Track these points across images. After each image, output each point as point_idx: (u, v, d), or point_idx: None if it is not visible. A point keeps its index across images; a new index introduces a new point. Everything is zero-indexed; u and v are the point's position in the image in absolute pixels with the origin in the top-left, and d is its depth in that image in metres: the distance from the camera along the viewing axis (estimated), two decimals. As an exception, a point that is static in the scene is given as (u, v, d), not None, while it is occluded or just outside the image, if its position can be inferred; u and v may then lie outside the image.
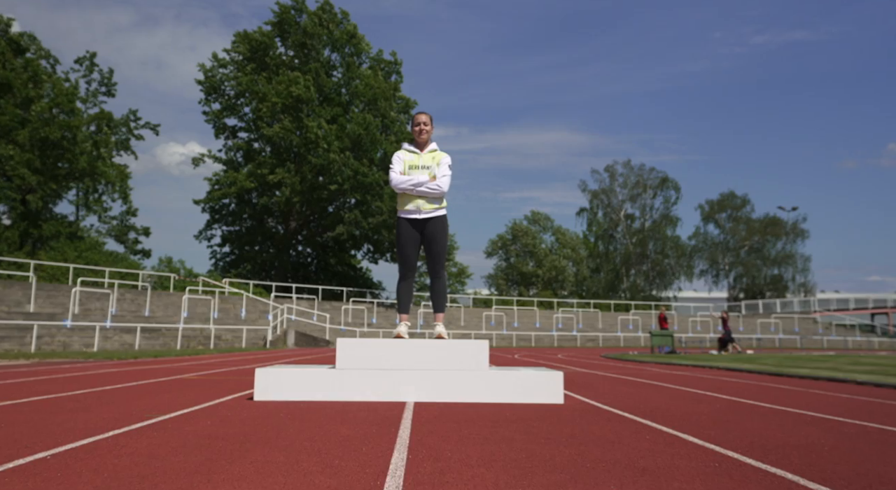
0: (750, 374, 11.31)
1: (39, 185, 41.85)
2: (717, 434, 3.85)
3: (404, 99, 53.03)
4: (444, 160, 6.04)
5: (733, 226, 79.47)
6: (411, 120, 6.17)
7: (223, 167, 52.92)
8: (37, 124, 40.35)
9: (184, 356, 18.29)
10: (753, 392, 7.13)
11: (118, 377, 8.46)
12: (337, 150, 46.46)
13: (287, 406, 5.04)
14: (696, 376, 10.28)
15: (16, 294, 28.40)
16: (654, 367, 13.29)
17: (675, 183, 75.47)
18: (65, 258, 37.39)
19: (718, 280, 79.90)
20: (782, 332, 58.73)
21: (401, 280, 6.12)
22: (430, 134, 6.15)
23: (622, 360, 18.31)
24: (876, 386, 8.90)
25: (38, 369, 10.41)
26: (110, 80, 50.12)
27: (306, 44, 51.39)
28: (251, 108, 50.96)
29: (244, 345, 31.41)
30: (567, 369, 11.96)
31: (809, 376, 10.48)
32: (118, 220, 51.37)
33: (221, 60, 51.90)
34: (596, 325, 52.68)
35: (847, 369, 13.08)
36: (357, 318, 41.69)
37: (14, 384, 7.16)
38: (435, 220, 5.98)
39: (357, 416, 4.41)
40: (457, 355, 5.55)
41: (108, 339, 26.61)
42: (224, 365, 12.41)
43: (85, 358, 15.68)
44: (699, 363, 15.58)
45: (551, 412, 4.87)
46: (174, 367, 11.17)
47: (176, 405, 5.04)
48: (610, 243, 75.98)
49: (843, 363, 15.39)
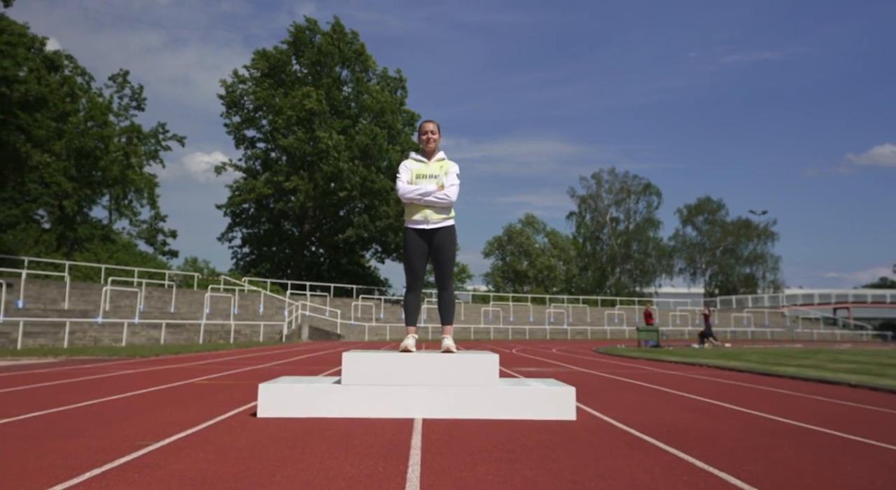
0: (741, 375, 10.64)
1: (75, 190, 41.25)
2: (761, 471, 3.19)
3: (409, 112, 52.54)
4: (452, 169, 5.35)
5: (709, 228, 79.04)
6: (418, 129, 5.48)
7: (243, 175, 52.37)
8: (72, 135, 39.81)
9: (203, 352, 17.64)
10: (757, 399, 6.46)
11: (130, 382, 7.80)
12: (346, 159, 46.00)
13: (289, 428, 4.37)
14: (691, 378, 9.61)
15: (51, 292, 27.78)
16: (649, 366, 12.63)
17: (657, 189, 75.05)
18: (97, 259, 36.74)
19: (696, 278, 79.52)
20: (754, 325, 58.30)
21: (408, 292, 5.39)
22: (437, 143, 5.44)
23: (614, 356, 17.67)
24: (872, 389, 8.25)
25: (60, 370, 9.75)
26: (140, 95, 49.46)
27: (319, 61, 50.82)
28: (268, 121, 50.37)
29: (262, 339, 30.77)
30: (566, 368, 11.30)
31: (800, 377, 9.81)
32: (148, 223, 50.74)
33: (241, 77, 51.31)
34: (584, 319, 52.05)
35: (831, 367, 12.42)
36: (366, 314, 41.06)
37: (24, 392, 6.51)
38: (443, 231, 5.29)
39: (362, 444, 3.74)
40: (466, 370, 4.87)
41: (136, 334, 25.98)
42: (238, 364, 11.74)
43: (110, 355, 15.05)
44: (687, 360, 14.92)
45: (568, 435, 4.21)
46: (189, 369, 10.50)
47: (174, 426, 4.38)
48: (597, 244, 75.40)
49: (824, 360, 14.73)
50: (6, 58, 26.59)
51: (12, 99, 27.39)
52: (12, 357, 14.72)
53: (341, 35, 50.76)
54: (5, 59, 26.53)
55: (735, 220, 78.61)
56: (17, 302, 25.11)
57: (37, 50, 30.29)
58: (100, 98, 44.71)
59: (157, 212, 50.18)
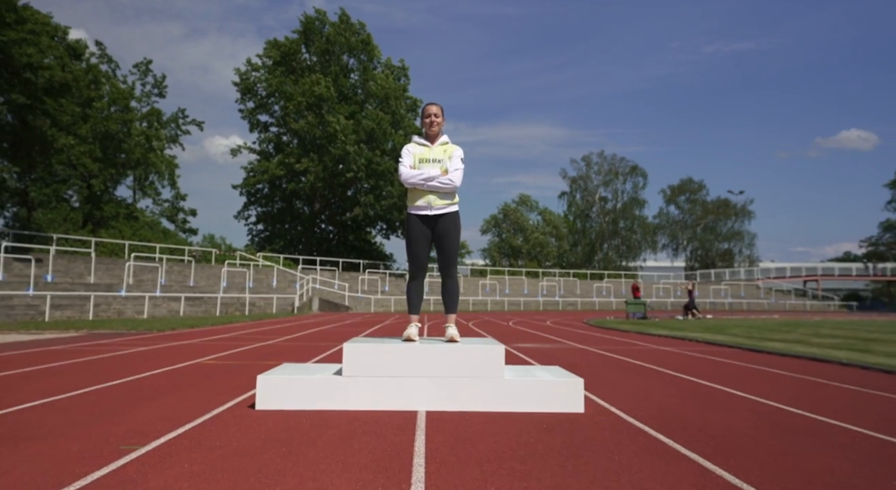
0: (731, 351, 10.13)
1: (100, 171, 40.57)
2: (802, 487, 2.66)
3: (412, 98, 51.71)
4: (456, 153, 4.71)
5: (691, 207, 78.51)
6: (421, 112, 4.83)
7: (257, 157, 51.68)
8: (97, 120, 39.07)
9: (218, 325, 17.15)
10: (758, 382, 5.93)
11: (137, 363, 7.28)
12: (353, 142, 45.34)
13: (285, 426, 3.83)
14: (686, 356, 9.09)
15: (79, 267, 27.29)
16: (641, 341, 12.11)
17: (643, 170, 74.37)
18: (122, 236, 36.19)
19: (678, 253, 79.13)
20: (731, 297, 58.02)
21: (411, 279, 4.78)
22: (441, 126, 4.79)
23: (606, 329, 17.18)
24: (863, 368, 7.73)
25: (74, 347, 9.23)
26: (162, 83, 48.49)
27: (328, 50, 49.85)
28: (280, 106, 49.54)
29: (274, 311, 30.32)
30: (564, 344, 10.78)
31: (789, 353, 9.29)
32: (169, 202, 50.11)
33: (254, 65, 50.34)
34: (575, 291, 51.62)
35: (816, 343, 11.92)
36: (372, 287, 40.61)
37: (25, 376, 5.98)
38: (447, 217, 4.67)
39: (362, 449, 3.20)
40: (471, 362, 4.32)
41: (157, 306, 25.52)
42: (248, 340, 11.22)
43: (129, 329, 14.55)
44: (675, 333, 14.43)
45: (580, 436, 3.67)
46: (200, 346, 9.98)
47: (166, 423, 3.84)
48: (586, 222, 74.81)
49: (807, 334, 14.23)
50: (30, 46, 25.79)
51: (38, 85, 26.65)
52: (37, 330, 14.22)
53: (348, 25, 49.75)
54: (29, 47, 25.74)
55: (714, 200, 78.14)
56: (46, 276, 24.63)
57: (60, 38, 29.43)
58: (123, 84, 43.82)
59: (177, 191, 49.57)
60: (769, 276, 70.29)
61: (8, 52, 25.32)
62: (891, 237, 78.95)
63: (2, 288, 21.42)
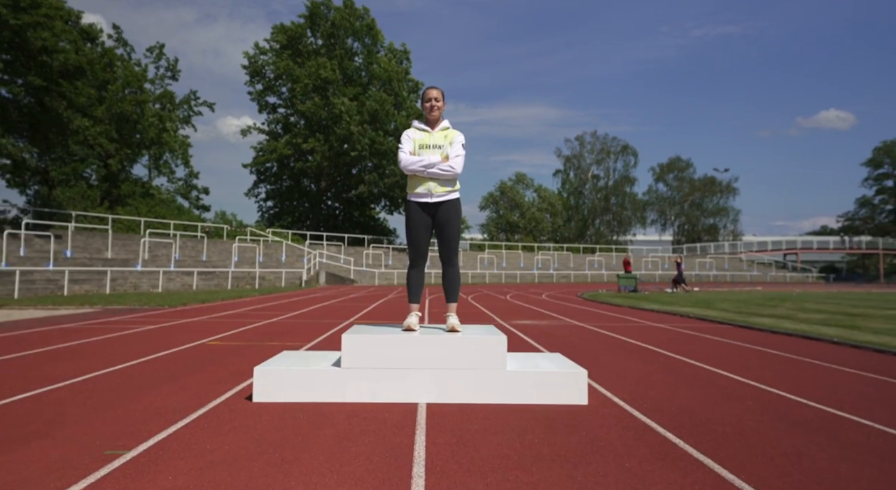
0: (723, 328, 9.80)
1: (116, 151, 40.03)
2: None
3: (413, 81, 50.79)
4: (457, 139, 4.29)
5: (679, 184, 77.92)
6: (421, 96, 4.40)
7: (266, 137, 50.95)
8: (112, 101, 38.41)
9: (228, 300, 16.84)
10: (756, 365, 5.61)
11: (141, 344, 6.95)
12: (357, 122, 44.62)
13: (281, 424, 3.49)
14: (681, 334, 8.77)
15: (96, 243, 26.93)
16: (635, 317, 11.79)
17: (633, 149, 73.60)
18: (138, 213, 35.73)
19: (666, 228, 78.76)
20: (715, 269, 57.79)
21: (411, 267, 4.41)
22: (441, 110, 4.35)
23: (599, 303, 16.88)
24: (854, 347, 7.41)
25: (83, 326, 8.91)
26: (175, 66, 47.58)
27: (333, 34, 48.80)
28: (287, 88, 48.67)
29: (283, 284, 30.04)
30: (561, 321, 10.46)
31: (780, 331, 8.97)
32: (183, 180, 49.50)
33: (262, 48, 49.34)
34: (568, 264, 51.32)
35: (803, 318, 11.62)
36: (376, 261, 40.30)
37: (25, 360, 5.66)
38: (447, 204, 4.28)
39: (358, 453, 2.86)
40: (472, 353, 3.98)
41: (172, 280, 25.23)
42: (254, 317, 10.89)
43: (141, 304, 14.24)
44: (667, 308, 14.14)
45: (586, 435, 3.34)
46: (206, 324, 9.66)
47: (157, 419, 3.51)
48: (580, 198, 74.23)
49: (793, 309, 13.92)
50: (45, 30, 25.06)
51: (53, 68, 25.98)
52: (53, 306, 13.92)
53: (353, 10, 48.65)
54: (44, 31, 25.01)
55: (701, 178, 77.51)
56: (66, 252, 24.29)
57: (73, 23, 28.60)
58: (137, 68, 43.03)
59: (190, 170, 48.95)
60: (752, 249, 70.05)
61: (23, 36, 24.61)
62: (866, 212, 78.56)
63: (23, 263, 21.10)
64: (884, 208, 77.51)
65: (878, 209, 77.91)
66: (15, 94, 26.25)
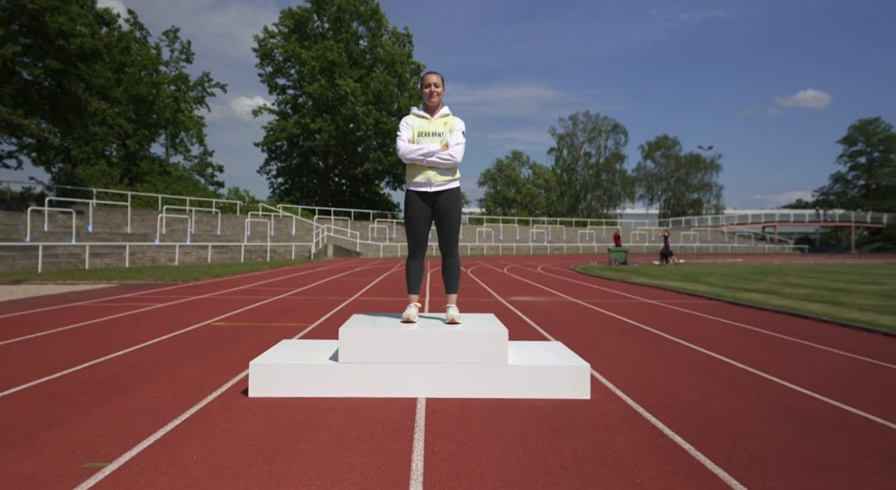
0: (713, 305, 9.45)
1: (135, 131, 39.34)
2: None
3: (415, 63, 49.75)
4: (457, 126, 3.86)
5: (665, 161, 76.96)
6: (421, 81, 3.94)
7: (276, 117, 50.08)
8: (129, 83, 37.57)
9: (240, 274, 16.49)
10: (753, 350, 5.26)
11: (147, 327, 6.60)
12: (362, 103, 43.80)
13: (275, 425, 3.15)
14: (673, 312, 8.42)
15: (116, 218, 26.53)
16: (627, 292, 11.44)
17: (623, 128, 72.50)
18: (155, 189, 35.21)
19: (653, 202, 78.07)
20: (699, 241, 57.43)
21: (410, 257, 4.01)
22: (441, 96, 3.90)
23: (592, 277, 16.53)
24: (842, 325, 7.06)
25: (96, 304, 8.56)
26: (189, 49, 46.45)
27: (339, 18, 47.59)
28: (296, 70, 47.63)
29: (293, 257, 29.69)
30: (557, 297, 10.11)
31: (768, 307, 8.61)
32: (198, 158, 48.77)
33: (271, 32, 48.17)
34: (561, 237, 50.93)
35: (788, 293, 11.27)
36: (381, 234, 39.91)
37: (28, 345, 5.31)
38: (447, 193, 3.87)
39: (353, 464, 2.50)
40: (473, 348, 3.61)
41: (188, 254, 24.88)
42: (262, 293, 10.53)
43: (156, 280, 13.91)
44: (656, 282, 13.80)
45: (591, 435, 2.99)
46: (215, 301, 9.31)
47: (150, 417, 3.15)
48: (572, 175, 73.40)
49: (778, 284, 13.56)
50: (61, 14, 24.26)
51: (70, 51, 25.20)
52: (73, 281, 13.58)
53: (357, -6, 47.38)
54: (60, 15, 24.21)
55: (687, 155, 76.53)
56: (88, 227, 23.90)
57: (89, 7, 27.66)
58: (153, 51, 42.03)
59: (204, 149, 48.22)
60: (733, 222, 69.66)
61: (41, 20, 23.85)
62: (840, 187, 77.90)
63: (47, 238, 20.74)
64: (856, 184, 76.84)
65: (850, 184, 77.23)
66: (35, 77, 25.55)
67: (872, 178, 74.75)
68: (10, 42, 23.60)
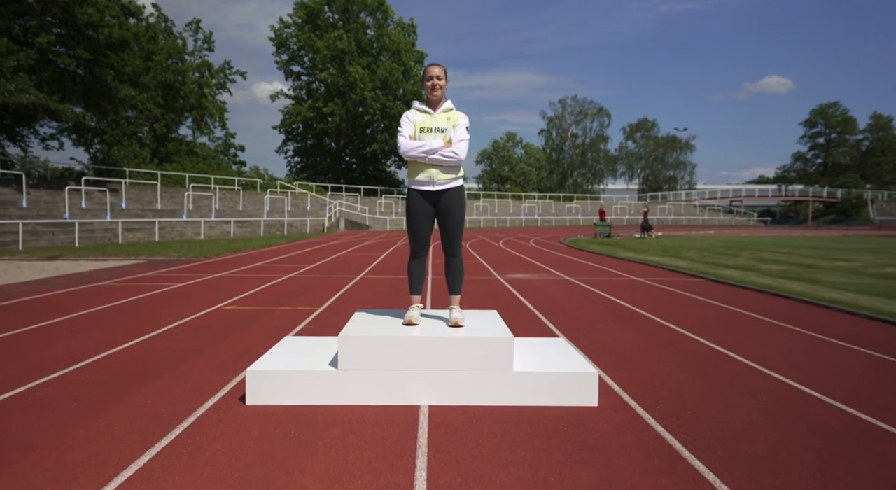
0: (696, 283, 8.94)
1: (162, 115, 38.36)
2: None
3: (419, 52, 48.31)
4: (460, 122, 3.26)
5: (645, 142, 75.66)
6: (423, 73, 3.33)
7: (292, 101, 48.88)
8: (157, 70, 36.42)
9: (258, 248, 15.97)
10: (749, 340, 4.76)
11: (160, 309, 6.10)
12: (370, 89, 42.65)
13: (271, 439, 2.65)
14: (661, 291, 7.91)
15: (147, 196, 25.88)
16: (616, 269, 10.91)
17: (607, 111, 71.12)
18: (183, 169, 34.44)
19: (633, 179, 77.06)
20: (673, 214, 56.87)
21: (412, 257, 3.47)
22: (444, 90, 3.28)
23: (580, 251, 16.01)
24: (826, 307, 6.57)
25: (118, 284, 8.05)
26: (210, 39, 44.93)
27: (348, 9, 45.98)
28: (309, 58, 46.28)
29: (308, 230, 29.13)
30: (552, 275, 9.59)
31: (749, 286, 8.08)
32: (222, 139, 47.72)
33: (286, 23, 46.63)
34: (550, 211, 50.28)
35: (765, 269, 10.76)
36: (388, 209, 39.22)
37: (42, 333, 4.81)
38: (450, 192, 3.30)
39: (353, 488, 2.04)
40: (478, 354, 3.10)
41: (213, 228, 24.33)
42: (276, 271, 10.01)
43: (181, 255, 13.40)
44: (641, 258, 13.27)
45: (601, 458, 2.51)
46: (229, 281, 8.79)
47: (135, 439, 2.66)
48: (560, 154, 72.17)
49: (754, 260, 13.04)
50: (89, 5, 23.15)
51: (99, 41, 24.14)
52: (103, 257, 13.06)
53: (364, -14, 45.65)
54: (89, 7, 23.11)
55: (664, 136, 75.20)
56: (121, 203, 23.31)
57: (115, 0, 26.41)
58: (179, 41, 40.71)
59: (227, 131, 47.18)
60: (703, 196, 69.26)
61: (70, 12, 22.77)
62: (800, 165, 76.94)
63: (84, 215, 20.17)
64: (815, 162, 75.79)
65: (809, 163, 76.20)
66: (68, 65, 24.55)
67: (829, 157, 73.69)
68: (45, 32, 22.62)
